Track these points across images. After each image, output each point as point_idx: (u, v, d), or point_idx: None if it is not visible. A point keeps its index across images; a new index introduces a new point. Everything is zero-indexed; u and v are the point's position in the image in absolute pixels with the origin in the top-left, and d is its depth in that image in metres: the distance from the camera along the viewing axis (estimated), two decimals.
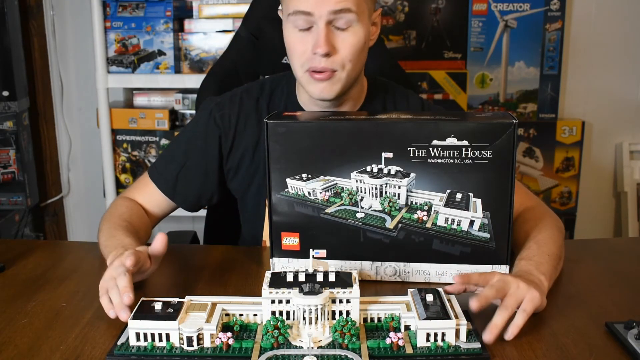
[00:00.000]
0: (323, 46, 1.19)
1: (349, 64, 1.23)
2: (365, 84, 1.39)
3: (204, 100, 1.46)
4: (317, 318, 0.94)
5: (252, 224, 1.43)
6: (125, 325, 0.97)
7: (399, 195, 1.12)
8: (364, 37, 1.23)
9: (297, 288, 0.95)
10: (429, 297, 0.98)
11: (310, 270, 0.99)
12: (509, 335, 0.97)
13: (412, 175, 1.11)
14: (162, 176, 1.38)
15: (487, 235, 1.12)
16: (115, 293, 1.01)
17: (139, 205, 1.37)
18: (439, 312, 0.94)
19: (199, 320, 0.95)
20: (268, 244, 1.35)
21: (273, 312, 0.96)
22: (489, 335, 0.95)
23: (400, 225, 1.14)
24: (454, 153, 1.09)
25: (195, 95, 2.11)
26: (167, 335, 0.93)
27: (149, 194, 1.39)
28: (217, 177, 1.39)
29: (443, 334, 0.93)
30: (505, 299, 0.99)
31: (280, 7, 1.30)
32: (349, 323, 0.93)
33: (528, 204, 1.30)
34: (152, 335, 0.94)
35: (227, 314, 1.00)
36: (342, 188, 1.13)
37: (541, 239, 1.17)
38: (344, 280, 0.98)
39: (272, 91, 1.39)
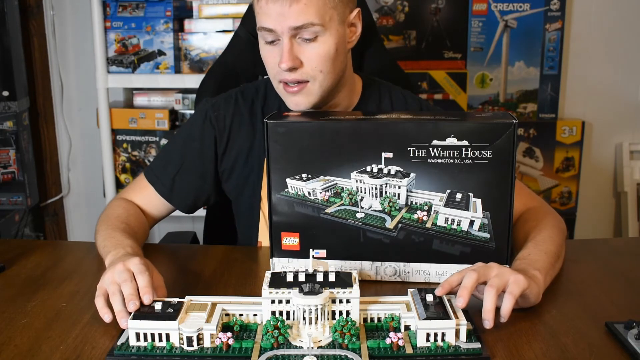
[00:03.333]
0: (287, 61, 1.19)
1: (320, 74, 1.22)
2: (359, 85, 1.38)
3: (201, 101, 1.45)
4: (317, 318, 0.94)
5: (246, 226, 1.42)
6: None
7: (399, 195, 1.12)
8: (334, 45, 1.22)
9: (297, 288, 0.95)
10: (429, 297, 0.98)
11: (310, 270, 0.99)
12: (502, 320, 0.99)
13: (412, 175, 1.11)
14: (159, 179, 1.38)
15: (487, 235, 1.12)
16: (117, 300, 1.00)
17: (136, 206, 1.37)
18: (439, 312, 0.94)
19: (199, 320, 0.95)
20: (263, 244, 1.36)
21: (273, 312, 0.96)
22: (487, 323, 0.97)
23: (400, 225, 1.14)
24: (454, 153, 1.09)
25: (195, 96, 2.11)
26: (167, 335, 0.93)
27: (146, 196, 1.38)
28: (213, 179, 1.39)
29: (443, 334, 0.93)
30: (490, 280, 1.00)
31: None
32: (349, 323, 0.93)
33: (531, 204, 1.30)
34: (152, 335, 0.94)
35: (227, 314, 1.00)
36: (342, 188, 1.13)
37: (540, 239, 1.17)
38: (344, 280, 0.98)
39: (267, 93, 1.39)
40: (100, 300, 1.02)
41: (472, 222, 1.12)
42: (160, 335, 0.93)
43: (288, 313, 0.96)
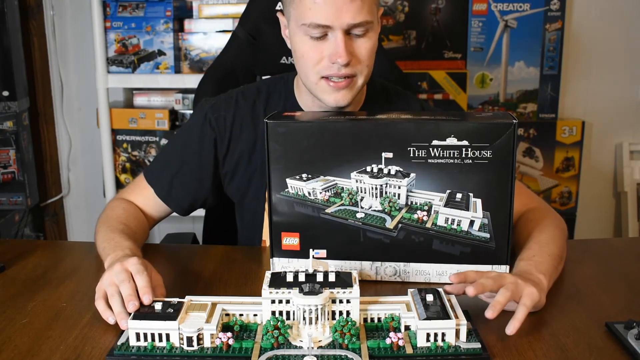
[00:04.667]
0: (344, 56, 1.17)
1: (366, 69, 1.23)
2: (364, 87, 1.38)
3: (199, 101, 1.44)
4: (317, 318, 0.94)
5: (251, 229, 1.41)
6: None
7: (399, 195, 1.12)
8: (376, 40, 1.23)
9: (297, 288, 0.95)
10: (429, 297, 0.98)
11: (310, 270, 0.99)
12: (511, 330, 0.96)
13: (412, 175, 1.11)
14: (158, 180, 1.37)
15: (487, 235, 1.12)
16: (116, 301, 1.00)
17: (135, 206, 1.36)
18: (439, 312, 0.94)
19: (199, 320, 0.95)
20: (267, 244, 1.35)
21: (273, 312, 0.96)
22: (490, 312, 0.95)
23: (400, 225, 1.14)
24: (454, 153, 1.09)
25: (194, 96, 2.10)
26: (167, 335, 0.93)
27: (145, 197, 1.37)
28: (211, 182, 1.37)
29: (443, 334, 0.93)
30: (506, 284, 1.00)
31: (280, 9, 1.28)
32: (349, 323, 0.93)
33: (530, 204, 1.30)
34: (152, 335, 0.94)
35: (227, 314, 1.00)
36: (342, 188, 1.13)
37: (542, 240, 1.17)
38: (344, 280, 0.98)
39: (269, 93, 1.38)
40: (101, 302, 1.02)
41: (472, 222, 1.12)
42: (160, 335, 0.93)
43: (288, 313, 0.96)
